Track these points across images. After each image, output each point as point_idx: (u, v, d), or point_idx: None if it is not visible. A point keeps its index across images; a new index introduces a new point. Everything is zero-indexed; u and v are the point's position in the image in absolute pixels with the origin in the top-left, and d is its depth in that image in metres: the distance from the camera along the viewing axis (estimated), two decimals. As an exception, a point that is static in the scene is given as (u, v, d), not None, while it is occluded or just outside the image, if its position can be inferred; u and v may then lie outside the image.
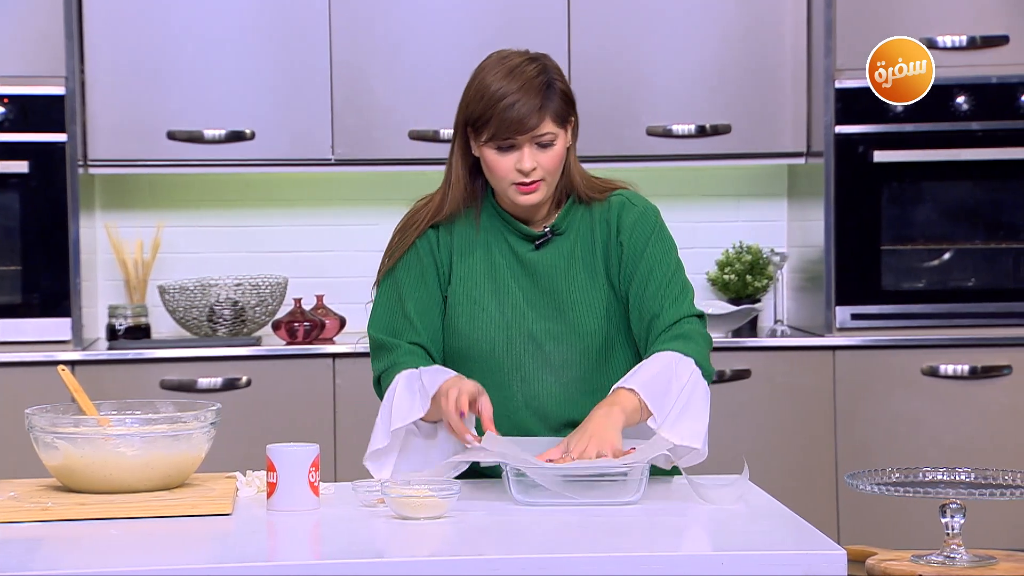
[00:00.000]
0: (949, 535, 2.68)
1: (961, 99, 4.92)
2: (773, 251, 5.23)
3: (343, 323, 5.05)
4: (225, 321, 4.95)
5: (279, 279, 5.05)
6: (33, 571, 2.28)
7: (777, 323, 5.22)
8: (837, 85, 4.90)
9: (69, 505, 2.62)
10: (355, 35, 4.93)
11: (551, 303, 2.96)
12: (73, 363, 4.72)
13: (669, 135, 5.01)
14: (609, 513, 2.61)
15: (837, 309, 4.94)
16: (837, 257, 4.94)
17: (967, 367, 4.90)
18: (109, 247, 5.18)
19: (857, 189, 4.94)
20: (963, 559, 2.66)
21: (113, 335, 5.01)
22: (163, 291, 4.98)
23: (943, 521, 2.68)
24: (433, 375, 2.88)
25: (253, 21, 4.92)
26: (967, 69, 4.87)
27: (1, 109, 4.76)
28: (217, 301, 4.94)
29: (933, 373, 4.90)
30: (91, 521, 2.57)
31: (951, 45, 4.89)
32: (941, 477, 2.81)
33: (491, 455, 2.70)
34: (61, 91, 4.76)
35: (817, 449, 4.89)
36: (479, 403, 2.78)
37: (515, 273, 2.97)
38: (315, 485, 2.66)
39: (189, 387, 4.78)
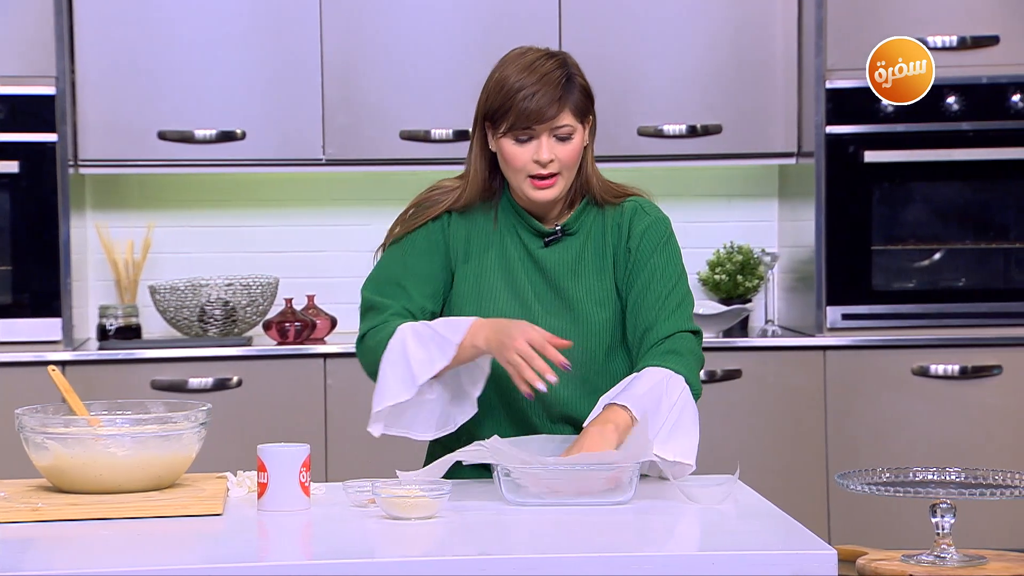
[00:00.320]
0: (939, 535, 2.68)
1: (952, 99, 4.93)
2: (764, 251, 5.23)
3: (334, 323, 5.05)
4: (216, 321, 4.94)
5: (270, 279, 5.05)
6: (24, 572, 2.27)
7: (768, 323, 5.22)
8: (828, 85, 4.90)
9: (60, 506, 2.61)
10: (346, 35, 4.93)
11: (559, 300, 2.96)
12: (63, 363, 4.71)
13: (660, 135, 5.01)
14: (600, 513, 2.61)
15: (828, 309, 4.94)
16: (828, 257, 4.94)
17: (957, 367, 4.90)
18: (100, 247, 5.17)
19: (848, 189, 4.94)
20: (953, 559, 2.66)
21: (104, 335, 5.01)
22: (154, 291, 4.97)
23: (933, 521, 2.68)
24: (448, 324, 2.85)
25: (244, 21, 4.92)
26: (958, 69, 4.88)
27: (-8, 109, 4.77)
28: (208, 301, 4.94)
29: (924, 373, 4.90)
30: (82, 521, 2.56)
31: (942, 45, 4.89)
32: (931, 477, 2.81)
33: (483, 455, 2.70)
34: (52, 91, 4.75)
35: (808, 449, 4.89)
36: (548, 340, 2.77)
37: (526, 268, 2.97)
38: (306, 485, 2.65)
39: (180, 387, 4.77)
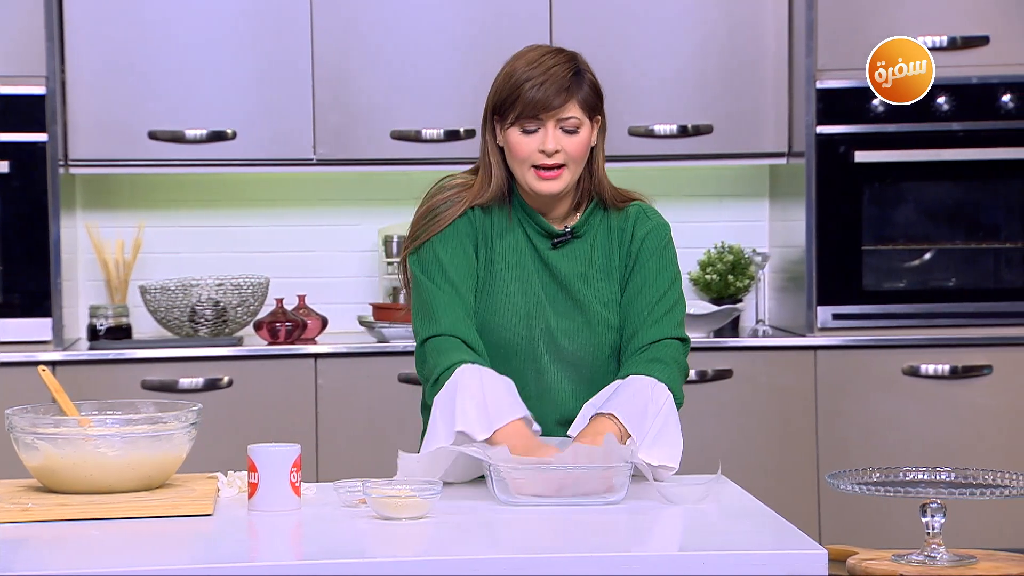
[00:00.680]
0: (930, 534, 2.68)
1: (942, 99, 4.93)
2: (755, 251, 5.23)
3: (325, 323, 5.04)
4: (206, 321, 4.94)
5: (261, 279, 5.04)
6: (14, 572, 2.27)
7: (759, 323, 5.22)
8: (818, 85, 4.91)
9: (50, 506, 2.61)
10: (337, 35, 4.93)
11: (570, 302, 2.98)
12: (54, 363, 4.71)
13: (651, 135, 5.01)
14: (591, 513, 2.61)
15: (818, 309, 4.94)
16: (818, 257, 4.94)
17: (948, 367, 4.91)
18: (90, 247, 5.17)
19: (838, 189, 4.94)
20: (943, 558, 2.66)
21: (94, 335, 5.00)
22: (144, 291, 4.97)
23: (924, 520, 2.68)
24: (497, 407, 2.80)
25: (235, 21, 4.91)
26: (948, 70, 4.88)
27: (-19, 109, 4.76)
28: (199, 301, 4.93)
29: (914, 373, 4.91)
30: (72, 522, 2.56)
31: (932, 45, 4.89)
32: (922, 477, 2.82)
33: (477, 453, 2.70)
34: (42, 91, 4.75)
35: (798, 449, 4.89)
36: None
37: (536, 267, 2.98)
38: (296, 485, 2.65)
39: (170, 387, 4.77)
